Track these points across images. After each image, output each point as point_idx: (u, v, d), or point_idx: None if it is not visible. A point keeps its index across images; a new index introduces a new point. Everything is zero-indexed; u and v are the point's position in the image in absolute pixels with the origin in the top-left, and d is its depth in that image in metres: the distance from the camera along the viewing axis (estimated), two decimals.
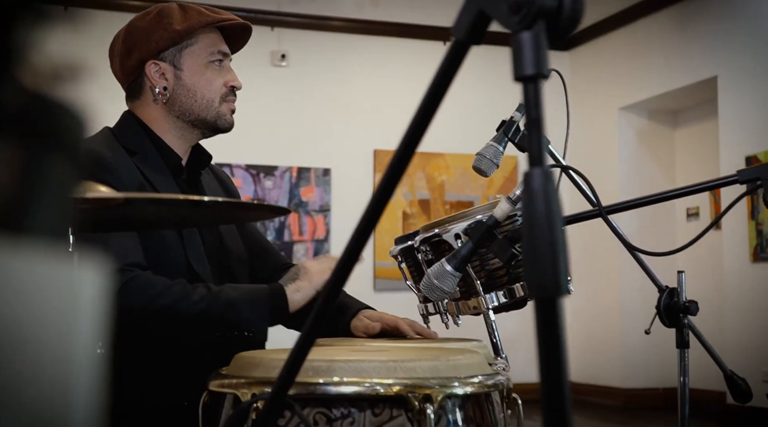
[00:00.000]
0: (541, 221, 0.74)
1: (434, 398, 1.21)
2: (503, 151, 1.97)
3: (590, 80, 7.33)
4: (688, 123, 7.11)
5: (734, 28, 5.95)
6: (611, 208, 1.56)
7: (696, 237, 1.55)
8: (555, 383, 0.73)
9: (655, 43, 6.65)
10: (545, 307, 0.73)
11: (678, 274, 2.08)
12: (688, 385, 2.09)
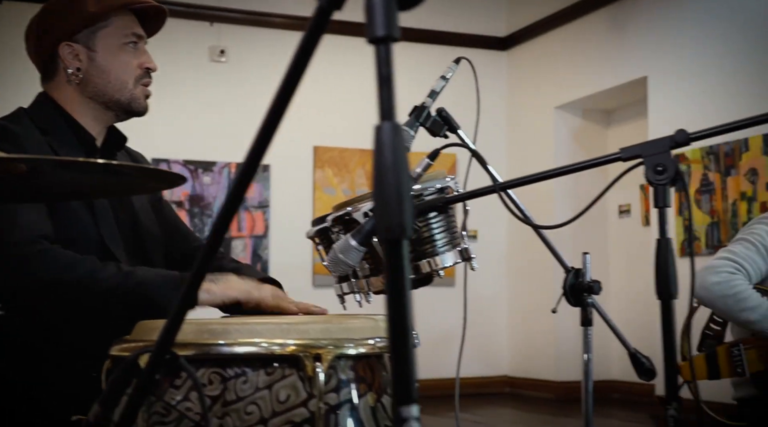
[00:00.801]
0: (388, 170, 0.80)
1: (324, 358, 1.27)
2: (414, 135, 2.04)
3: (527, 80, 7.47)
4: (621, 122, 7.29)
5: (664, 30, 6.13)
6: (506, 185, 1.63)
7: (582, 210, 1.62)
8: (400, 315, 0.79)
9: (589, 44, 6.81)
10: (392, 247, 0.80)
11: (583, 255, 2.16)
12: (591, 361, 2.18)
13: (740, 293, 2.37)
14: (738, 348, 2.48)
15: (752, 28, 5.42)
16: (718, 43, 5.67)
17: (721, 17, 5.67)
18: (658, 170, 1.48)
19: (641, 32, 6.32)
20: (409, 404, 0.78)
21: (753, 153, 5.44)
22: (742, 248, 2.46)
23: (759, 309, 2.36)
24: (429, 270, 1.86)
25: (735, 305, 2.38)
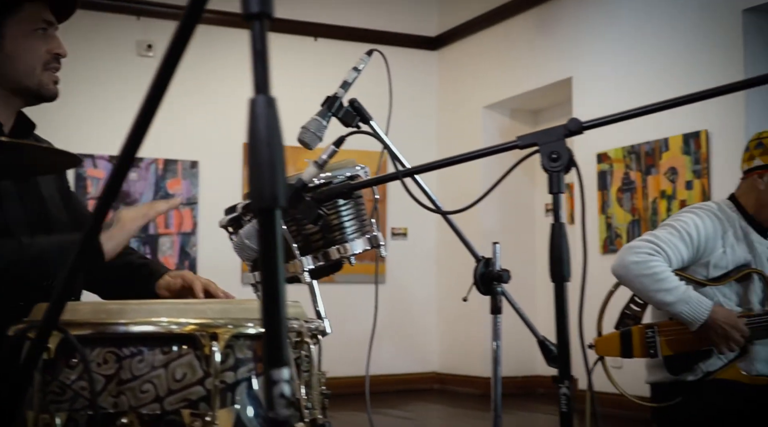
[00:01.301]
0: (262, 142, 0.83)
1: (221, 337, 1.29)
2: (326, 125, 2.06)
3: (457, 79, 7.56)
4: (547, 122, 7.43)
5: (588, 32, 6.26)
6: (408, 172, 1.66)
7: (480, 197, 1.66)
8: (271, 282, 0.81)
9: (517, 45, 6.93)
10: (264, 216, 0.82)
11: (493, 245, 2.22)
12: (501, 348, 2.23)
13: (658, 274, 2.44)
14: (653, 330, 2.56)
15: (674, 30, 5.58)
16: (640, 45, 5.82)
17: (643, 19, 5.82)
18: (552, 157, 1.54)
19: (566, 34, 6.46)
20: (280, 367, 0.80)
21: (673, 152, 5.59)
22: (666, 233, 2.54)
23: (675, 291, 2.43)
24: (338, 257, 1.88)
25: (651, 285, 2.44)
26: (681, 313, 2.43)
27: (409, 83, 7.63)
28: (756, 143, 2.62)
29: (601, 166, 6.12)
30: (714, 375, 2.51)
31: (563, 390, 1.51)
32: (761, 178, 2.58)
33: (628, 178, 5.92)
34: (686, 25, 5.48)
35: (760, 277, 2.56)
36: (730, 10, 5.20)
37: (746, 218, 2.62)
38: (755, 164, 2.60)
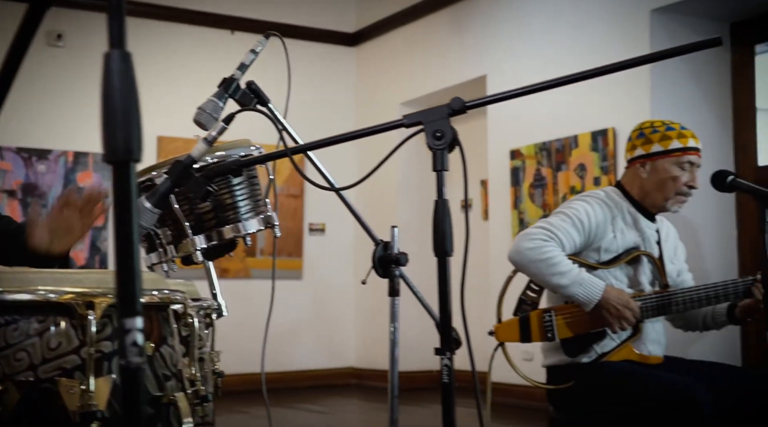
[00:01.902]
0: (116, 95, 0.84)
1: (98, 306, 1.29)
2: (223, 106, 2.07)
3: (374, 76, 7.61)
4: (463, 119, 7.52)
5: (501, 30, 6.38)
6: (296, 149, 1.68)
7: (366, 175, 1.69)
8: (125, 234, 0.82)
9: (433, 43, 7.01)
10: (120, 169, 0.83)
11: (391, 229, 2.25)
12: (398, 330, 2.26)
13: (551, 259, 2.51)
14: (550, 314, 2.63)
15: (584, 29, 5.72)
16: (552, 44, 5.95)
17: (555, 18, 5.96)
18: (437, 136, 1.58)
19: (480, 33, 6.56)
20: (133, 316, 0.81)
21: (582, 149, 5.73)
22: (559, 219, 2.61)
23: (569, 275, 2.50)
24: (232, 236, 1.89)
25: (546, 269, 2.51)
26: (576, 295, 2.51)
27: (327, 79, 7.64)
28: (638, 133, 2.72)
29: (514, 163, 6.24)
30: (608, 356, 2.59)
31: (445, 362, 1.55)
32: (643, 166, 2.68)
33: (540, 174, 6.04)
34: (596, 24, 5.62)
35: (649, 259, 2.65)
36: (638, 10, 5.36)
37: (633, 204, 2.71)
38: (637, 154, 2.70)
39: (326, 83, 7.62)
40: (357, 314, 7.66)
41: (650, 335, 2.65)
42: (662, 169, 2.65)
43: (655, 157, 2.66)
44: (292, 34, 7.44)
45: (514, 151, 6.24)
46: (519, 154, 6.20)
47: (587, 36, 5.67)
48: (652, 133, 2.68)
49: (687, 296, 2.58)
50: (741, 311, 2.62)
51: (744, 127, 5.52)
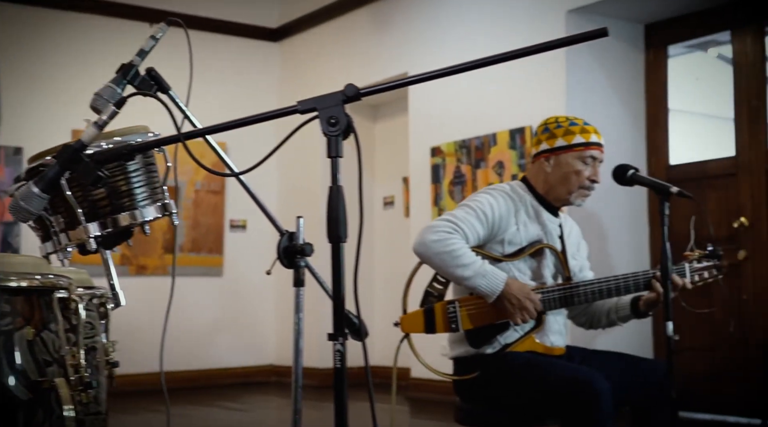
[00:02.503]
0: None
1: None
2: (121, 92, 2.04)
3: (297, 72, 7.58)
4: (386, 116, 7.56)
5: (422, 28, 6.42)
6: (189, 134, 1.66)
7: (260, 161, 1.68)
8: None
9: (355, 39, 7.02)
10: None
11: (296, 219, 2.24)
12: (302, 320, 2.26)
13: (456, 251, 2.53)
14: (454, 305, 2.65)
15: (503, 28, 5.79)
16: (471, 42, 6.01)
17: (475, 17, 6.02)
18: (331, 122, 1.58)
19: (402, 30, 6.59)
20: None
21: (500, 147, 5.80)
22: (463, 212, 2.63)
23: (472, 266, 2.52)
24: (128, 223, 1.86)
25: (450, 261, 2.53)
26: (478, 286, 2.53)
27: (250, 74, 7.59)
28: (543, 128, 2.77)
29: (435, 160, 6.28)
30: (511, 347, 2.63)
31: (337, 347, 1.55)
32: (548, 161, 2.73)
33: (460, 171, 6.10)
34: (514, 23, 5.70)
35: (552, 252, 2.70)
36: (555, 11, 5.45)
37: (537, 197, 2.76)
38: (542, 148, 2.75)
39: (249, 78, 7.57)
40: (277, 311, 7.63)
41: (553, 326, 2.70)
42: (565, 163, 2.70)
43: (558, 151, 2.70)
44: (214, 29, 7.38)
45: (434, 149, 6.29)
46: (439, 152, 6.25)
47: (506, 35, 5.75)
48: (556, 128, 2.73)
49: (589, 288, 2.63)
50: (644, 304, 2.68)
51: (656, 127, 5.66)
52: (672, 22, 5.55)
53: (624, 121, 5.60)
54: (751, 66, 5.17)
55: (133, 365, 5.97)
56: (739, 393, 5.14)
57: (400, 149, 7.03)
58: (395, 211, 7.37)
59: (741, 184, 5.18)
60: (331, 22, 7.24)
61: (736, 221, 5.15)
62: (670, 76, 5.68)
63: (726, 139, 5.31)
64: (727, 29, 5.33)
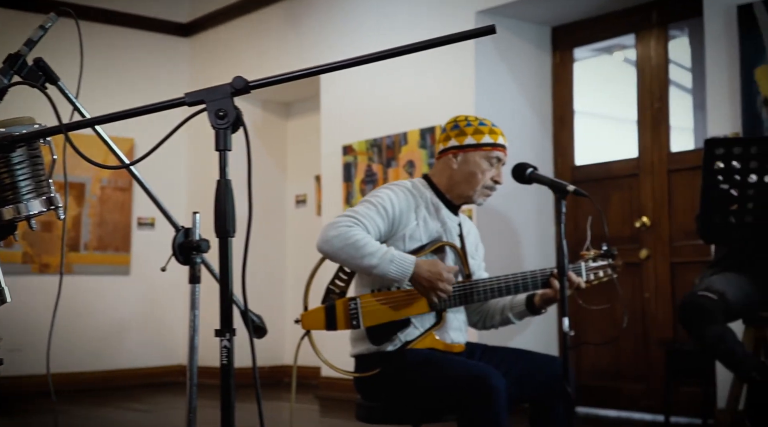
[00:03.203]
0: None
1: None
2: (7, 82, 1.97)
3: (208, 68, 7.48)
4: (298, 115, 7.53)
5: (334, 27, 6.41)
6: (71, 125, 1.61)
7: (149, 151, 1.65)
8: None
9: (268, 36, 6.96)
10: None
11: (193, 215, 2.21)
12: (198, 317, 2.22)
13: (359, 241, 2.52)
14: (355, 302, 2.64)
15: (414, 28, 5.82)
16: (383, 41, 6.02)
17: (387, 17, 6.03)
18: (219, 115, 1.55)
19: (315, 28, 6.57)
20: None
21: (411, 146, 5.83)
22: (364, 208, 2.63)
23: (378, 254, 2.52)
24: (12, 217, 1.80)
25: (355, 252, 2.52)
26: (388, 272, 2.52)
27: (159, 69, 7.45)
28: (452, 125, 2.79)
29: (346, 159, 6.28)
30: (412, 344, 2.63)
31: (224, 343, 1.53)
32: (455, 157, 2.75)
33: (371, 170, 6.10)
34: (425, 23, 5.74)
35: (452, 249, 2.72)
36: (465, 11, 5.50)
37: (438, 194, 2.77)
38: (450, 144, 2.77)
39: (158, 74, 7.43)
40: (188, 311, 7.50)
41: (453, 323, 2.71)
42: (472, 162, 2.72)
43: (467, 149, 2.73)
44: (123, 23, 7.22)
45: (346, 147, 6.28)
46: (351, 150, 6.25)
47: (416, 34, 5.78)
48: (466, 126, 2.75)
49: (488, 285, 2.66)
50: (540, 300, 2.72)
51: (563, 128, 5.77)
52: (578, 25, 5.67)
53: (531, 122, 5.70)
54: (654, 69, 5.31)
55: (34, 366, 5.80)
56: (642, 390, 5.28)
57: (313, 147, 7.00)
58: (308, 210, 7.34)
59: (643, 184, 5.32)
60: (244, 18, 7.16)
61: (638, 220, 5.29)
62: (577, 78, 5.80)
63: (630, 141, 5.45)
64: (632, 33, 5.47)
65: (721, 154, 2.66)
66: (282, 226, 7.48)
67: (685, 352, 4.51)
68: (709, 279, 3.27)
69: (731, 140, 2.75)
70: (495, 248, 5.35)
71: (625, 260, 5.31)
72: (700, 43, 4.84)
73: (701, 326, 3.11)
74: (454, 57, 5.52)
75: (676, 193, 5.13)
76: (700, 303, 3.11)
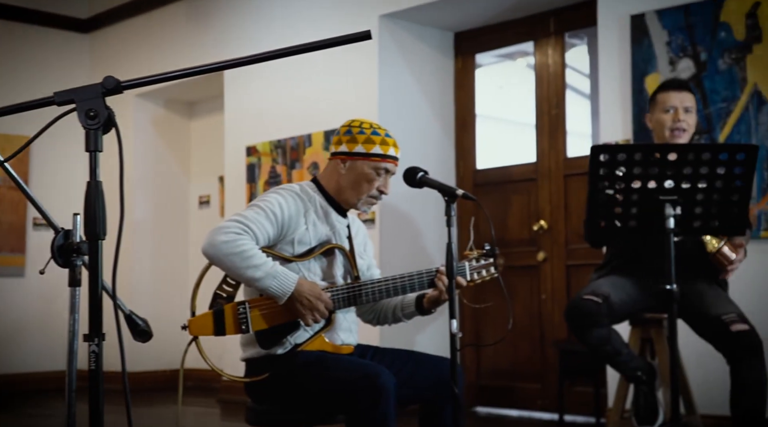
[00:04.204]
0: None
1: None
2: None
3: (109, 65, 7.32)
4: (202, 114, 7.43)
5: (238, 26, 6.35)
6: None
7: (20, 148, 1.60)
8: None
9: (171, 33, 6.85)
10: None
11: (73, 216, 2.15)
12: (78, 321, 2.16)
13: (246, 252, 2.50)
14: (244, 306, 2.62)
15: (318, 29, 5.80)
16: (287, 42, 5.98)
17: (291, 18, 6.01)
18: (90, 115, 1.52)
19: (219, 27, 6.50)
20: None
21: (315, 148, 5.82)
22: (253, 212, 2.60)
23: (263, 267, 2.50)
24: None
25: (240, 262, 2.49)
26: (269, 287, 2.52)
27: (59, 66, 7.26)
28: (346, 130, 2.76)
29: (250, 160, 6.23)
30: (302, 346, 2.63)
31: (92, 348, 1.50)
32: (343, 163, 2.73)
33: (275, 171, 6.07)
34: (330, 24, 5.74)
35: (341, 252, 2.72)
36: (369, 15, 5.52)
37: (327, 198, 2.76)
38: (340, 149, 2.75)
39: (58, 70, 7.24)
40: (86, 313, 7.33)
41: (342, 324, 2.72)
42: (360, 171, 2.71)
43: (355, 157, 2.71)
44: (20, 18, 7.01)
45: (250, 148, 6.24)
46: (255, 151, 6.20)
47: (320, 36, 5.73)
48: (359, 133, 2.72)
49: (376, 287, 2.67)
50: (428, 301, 2.74)
51: (465, 133, 5.85)
52: (480, 31, 5.76)
53: (434, 126, 5.76)
54: (552, 76, 5.43)
55: None
56: (538, 390, 5.39)
57: (217, 148, 6.93)
58: (211, 211, 7.25)
59: (541, 189, 5.43)
60: (145, 15, 7.04)
61: (536, 223, 5.40)
62: (482, 83, 5.88)
63: (529, 146, 5.56)
64: (531, 40, 5.58)
65: (605, 161, 2.72)
66: (185, 227, 7.38)
67: (577, 352, 4.63)
68: (596, 283, 3.35)
69: (616, 147, 2.82)
70: (400, 248, 5.39)
71: (523, 262, 5.44)
72: (597, 52, 4.97)
73: (586, 328, 3.19)
74: (359, 60, 5.54)
75: (572, 198, 5.26)
76: (584, 307, 3.19)
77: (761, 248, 4.05)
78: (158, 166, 7.25)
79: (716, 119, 4.23)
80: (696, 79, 4.28)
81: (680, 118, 3.33)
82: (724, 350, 3.21)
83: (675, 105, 3.34)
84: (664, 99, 3.37)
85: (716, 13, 4.27)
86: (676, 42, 4.37)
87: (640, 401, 3.37)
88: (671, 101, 3.35)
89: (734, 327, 3.15)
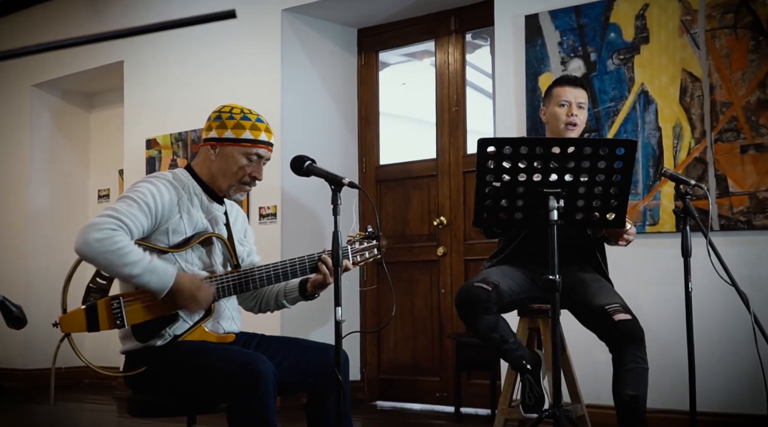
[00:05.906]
0: None
1: None
2: None
3: None
4: (102, 106, 7.28)
5: (141, 17, 6.23)
6: None
7: None
8: None
9: (70, 24, 6.69)
10: None
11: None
12: None
13: (122, 249, 2.43)
14: (118, 301, 2.55)
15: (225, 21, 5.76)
16: (188, 34, 5.92)
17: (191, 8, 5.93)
18: None
19: (119, 18, 6.37)
20: None
21: None
22: (126, 205, 2.53)
23: (140, 263, 2.45)
24: None
25: (117, 260, 2.43)
26: (148, 283, 2.46)
27: None
28: (216, 115, 2.71)
29: (150, 152, 6.13)
30: (182, 337, 2.58)
31: None
32: (213, 149, 2.68)
33: (176, 164, 5.99)
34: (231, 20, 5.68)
35: (219, 240, 2.69)
36: (272, 8, 5.50)
37: (202, 185, 2.71)
38: (210, 135, 2.69)
39: None
40: None
41: (224, 313, 2.69)
42: (230, 157, 2.66)
43: (225, 143, 2.66)
44: None
45: (150, 141, 6.14)
46: (155, 144, 6.11)
47: (224, 27, 5.72)
48: (228, 118, 2.67)
49: (263, 273, 2.65)
50: (311, 286, 2.74)
51: (368, 129, 5.88)
52: (383, 28, 5.79)
53: (338, 122, 5.77)
54: (452, 74, 5.51)
55: None
56: (436, 383, 5.45)
57: (115, 141, 6.80)
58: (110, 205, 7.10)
59: (441, 185, 5.50)
60: (44, 5, 6.82)
61: (436, 219, 5.47)
62: (385, 80, 5.92)
63: (430, 143, 5.63)
64: (432, 38, 5.64)
65: (492, 153, 2.77)
66: (84, 221, 7.17)
67: (472, 345, 4.70)
68: (487, 271, 3.40)
69: (502, 140, 2.85)
70: (301, 238, 5.37)
71: (423, 257, 5.50)
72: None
73: (475, 315, 3.23)
74: (261, 52, 5.51)
75: (471, 194, 5.34)
76: (474, 293, 3.22)
77: (646, 242, 4.19)
78: (56, 158, 7.07)
79: (605, 118, 4.36)
80: (586, 79, 4.39)
81: (573, 112, 3.41)
82: (607, 339, 3.28)
83: (569, 100, 3.41)
84: (559, 93, 3.44)
85: (607, 14, 4.39)
86: (568, 42, 4.49)
87: (526, 390, 3.43)
88: (566, 96, 3.42)
89: (617, 317, 3.23)
